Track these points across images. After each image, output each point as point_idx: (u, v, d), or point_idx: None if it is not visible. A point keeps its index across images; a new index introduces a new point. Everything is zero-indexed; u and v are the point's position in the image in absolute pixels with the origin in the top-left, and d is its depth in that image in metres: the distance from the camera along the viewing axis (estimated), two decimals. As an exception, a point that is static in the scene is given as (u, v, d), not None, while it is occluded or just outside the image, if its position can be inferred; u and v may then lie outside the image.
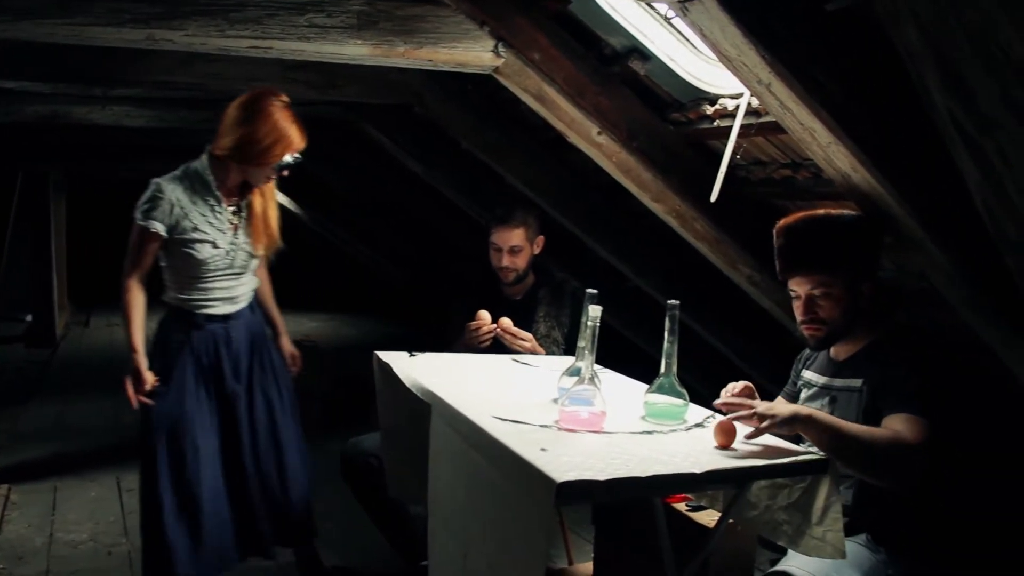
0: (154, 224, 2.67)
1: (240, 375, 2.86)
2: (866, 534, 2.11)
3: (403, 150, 5.40)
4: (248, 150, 2.67)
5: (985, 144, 1.49)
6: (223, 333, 2.84)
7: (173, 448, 2.71)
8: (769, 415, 1.91)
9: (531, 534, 1.73)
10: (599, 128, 3.20)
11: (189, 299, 2.79)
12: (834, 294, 2.18)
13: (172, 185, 2.70)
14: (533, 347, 3.05)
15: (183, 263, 2.75)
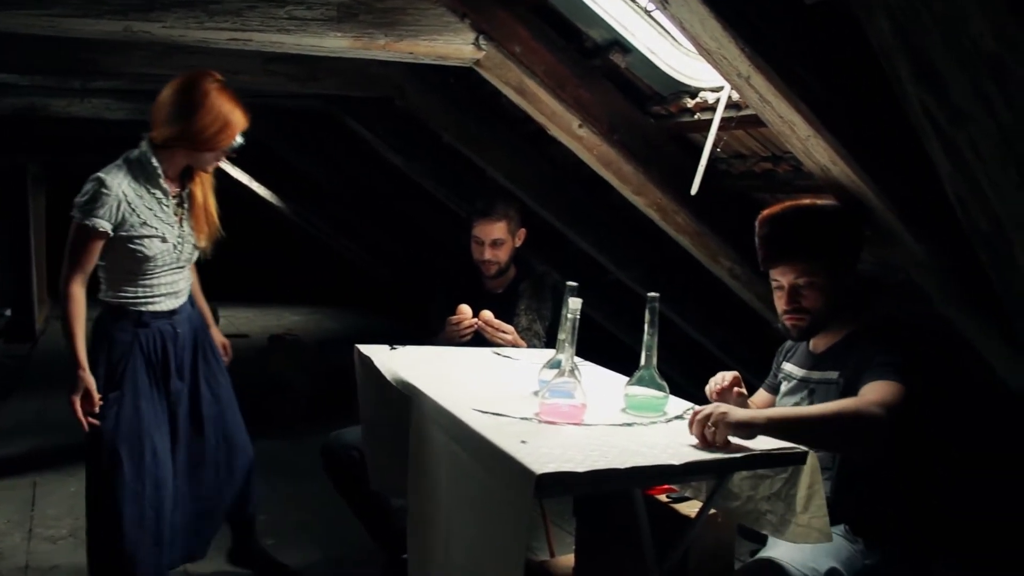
0: (99, 223, 2.51)
1: (184, 372, 2.77)
2: (844, 525, 2.13)
3: (384, 143, 5.38)
4: (197, 137, 2.57)
5: (957, 136, 1.50)
6: (169, 330, 2.73)
7: (135, 455, 2.61)
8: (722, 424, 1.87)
9: (511, 526, 1.73)
10: (580, 121, 3.21)
11: (134, 297, 2.66)
12: (818, 283, 2.18)
13: (116, 179, 2.55)
14: (514, 340, 3.05)
15: (128, 260, 2.61)
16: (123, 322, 2.65)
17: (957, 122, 1.47)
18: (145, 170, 2.60)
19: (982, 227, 1.69)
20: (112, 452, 2.59)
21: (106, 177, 2.54)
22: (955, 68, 1.36)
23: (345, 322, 9.95)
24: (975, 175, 1.54)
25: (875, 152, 2.15)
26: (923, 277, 2.39)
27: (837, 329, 2.25)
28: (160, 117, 2.59)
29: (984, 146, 1.46)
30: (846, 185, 2.26)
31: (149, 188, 2.60)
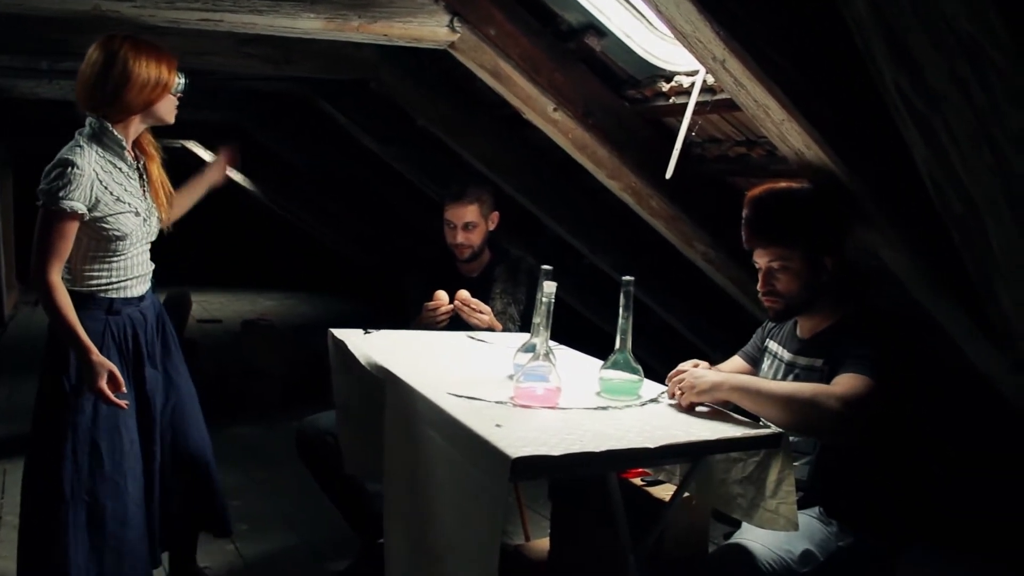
0: (75, 205, 2.37)
1: (156, 359, 2.67)
2: (819, 507, 2.15)
3: (359, 127, 5.35)
4: (137, 101, 2.45)
5: (932, 118, 1.50)
6: (139, 316, 2.62)
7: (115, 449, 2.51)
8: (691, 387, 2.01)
9: (487, 510, 1.73)
10: (555, 104, 3.20)
11: (106, 283, 2.53)
12: (792, 267, 2.17)
13: (84, 157, 2.41)
14: (491, 320, 3.05)
15: (100, 242, 2.48)
16: (93, 311, 2.51)
17: (932, 104, 1.47)
18: (107, 144, 2.48)
19: (956, 209, 1.69)
20: (93, 445, 2.48)
21: (74, 157, 2.39)
22: (930, 50, 1.36)
23: (319, 307, 9.92)
24: (949, 157, 1.54)
25: (849, 136, 2.15)
26: (895, 261, 2.41)
27: (825, 315, 2.24)
28: (95, 98, 2.46)
29: (958, 128, 1.47)
30: (820, 169, 2.26)
31: (115, 162, 2.49)
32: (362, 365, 2.42)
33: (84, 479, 2.47)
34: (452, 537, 1.92)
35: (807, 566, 2.04)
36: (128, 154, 2.52)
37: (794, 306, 2.23)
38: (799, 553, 2.04)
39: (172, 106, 2.56)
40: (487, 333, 2.97)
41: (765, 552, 2.00)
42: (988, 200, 1.58)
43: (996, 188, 1.53)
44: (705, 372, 2.05)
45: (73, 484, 2.46)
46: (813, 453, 2.18)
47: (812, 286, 2.19)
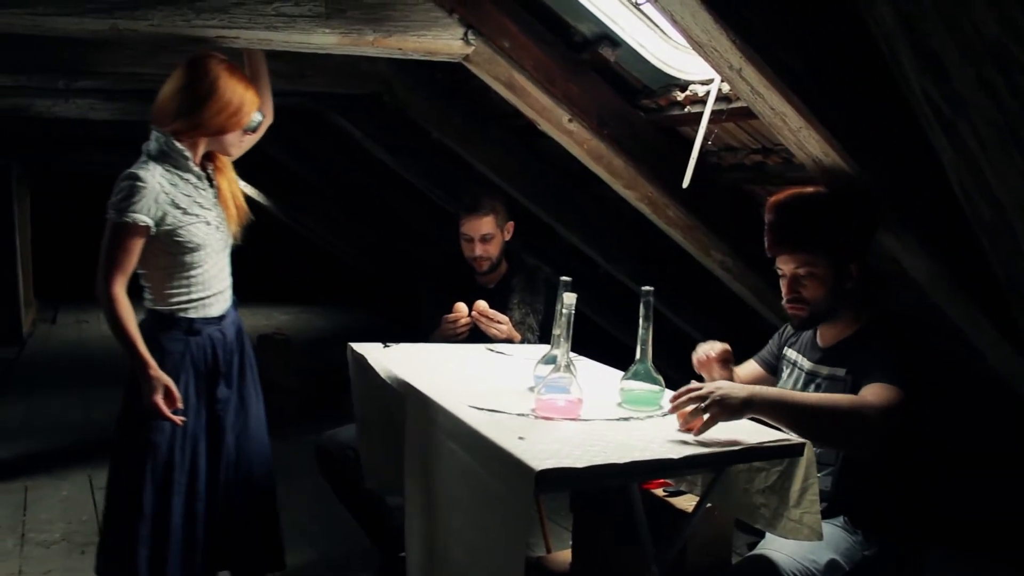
0: (140, 217, 2.38)
1: (231, 379, 2.66)
2: (844, 516, 2.13)
3: (372, 140, 5.36)
4: (212, 123, 2.49)
5: (959, 124, 1.49)
6: (219, 336, 2.61)
7: (188, 468, 2.52)
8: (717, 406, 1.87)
9: (510, 523, 1.72)
10: (570, 115, 3.20)
11: (187, 300, 2.52)
12: (818, 274, 2.16)
13: (149, 172, 2.43)
14: (509, 331, 3.04)
15: (176, 257, 2.48)
16: (173, 331, 2.52)
17: (959, 109, 1.46)
18: (172, 157, 2.49)
19: (985, 215, 1.68)
20: (167, 465, 2.48)
21: (139, 172, 2.41)
22: (957, 55, 1.35)
23: (335, 320, 9.93)
24: (978, 163, 1.53)
25: (867, 142, 2.14)
26: (916, 267, 2.39)
27: (846, 323, 2.22)
28: (170, 110, 2.49)
29: (987, 133, 1.45)
30: (838, 176, 2.25)
31: (181, 175, 2.50)
32: (382, 379, 2.42)
33: (160, 496, 2.47)
34: (475, 551, 1.91)
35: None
36: (194, 165, 2.52)
37: (819, 313, 2.20)
38: (824, 563, 2.03)
39: (239, 140, 2.60)
40: (507, 345, 2.97)
41: (790, 562, 1.99)
42: (1018, 205, 1.56)
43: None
44: (732, 387, 1.95)
45: (155, 501, 2.47)
46: (835, 464, 2.16)
47: (837, 293, 2.17)
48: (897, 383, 1.97)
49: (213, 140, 2.55)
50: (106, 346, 8.07)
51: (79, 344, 8.20)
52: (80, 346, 8.10)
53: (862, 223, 2.20)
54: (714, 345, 2.24)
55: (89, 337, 8.59)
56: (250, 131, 2.63)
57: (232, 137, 2.57)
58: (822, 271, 2.15)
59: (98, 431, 5.25)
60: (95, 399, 5.97)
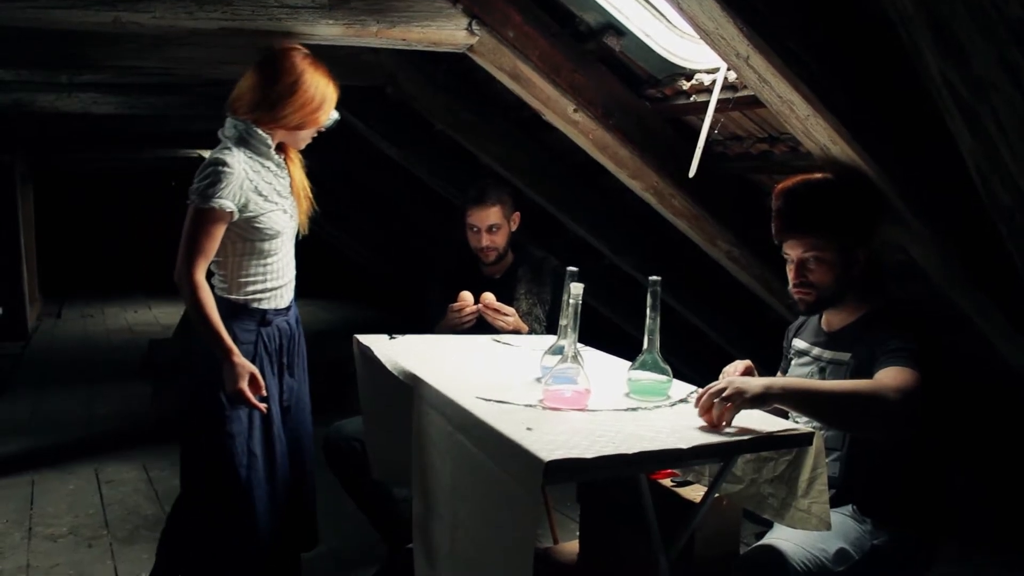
0: (224, 203, 2.35)
1: (295, 369, 2.67)
2: (852, 505, 2.12)
3: (376, 132, 5.35)
4: (294, 118, 2.48)
5: (979, 108, 1.47)
6: (286, 327, 2.61)
7: (269, 457, 2.52)
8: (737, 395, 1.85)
9: (518, 514, 1.72)
10: (575, 106, 3.19)
11: (261, 289, 2.51)
12: (826, 259, 2.16)
13: (234, 156, 2.40)
14: (516, 322, 3.04)
15: (254, 244, 2.47)
16: (247, 321, 2.50)
17: (979, 94, 1.44)
18: (253, 144, 2.47)
19: (1003, 201, 1.66)
20: (249, 453, 2.48)
21: (225, 156, 2.38)
22: (978, 37, 1.33)
23: (339, 313, 9.94)
24: (997, 147, 1.51)
25: (876, 131, 2.13)
26: (924, 257, 2.38)
27: (852, 308, 2.23)
28: (249, 101, 2.46)
29: (1007, 118, 1.43)
30: (846, 164, 2.24)
31: (263, 162, 2.49)
32: (388, 371, 2.41)
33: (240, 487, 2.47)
34: (483, 543, 1.90)
35: (842, 565, 2.02)
36: (274, 152, 2.51)
37: (825, 298, 2.21)
38: (833, 552, 2.02)
39: (311, 136, 2.60)
40: (513, 336, 2.96)
41: (798, 552, 1.98)
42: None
43: (1046, 178, 1.50)
44: (748, 379, 1.94)
45: (249, 476, 2.47)
46: (842, 449, 2.15)
47: (844, 278, 2.17)
48: (911, 365, 1.96)
49: (287, 133, 2.53)
50: (110, 341, 8.10)
51: (84, 339, 8.21)
52: (85, 341, 8.12)
53: (869, 209, 2.21)
54: (737, 365, 2.23)
55: (94, 332, 8.61)
56: (326, 128, 2.61)
57: (308, 133, 2.57)
58: (830, 256, 2.16)
59: (104, 425, 5.27)
60: (100, 393, 5.99)
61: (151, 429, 4.96)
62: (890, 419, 1.92)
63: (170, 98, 5.33)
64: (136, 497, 4.01)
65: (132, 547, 3.45)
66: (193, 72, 3.91)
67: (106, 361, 7.10)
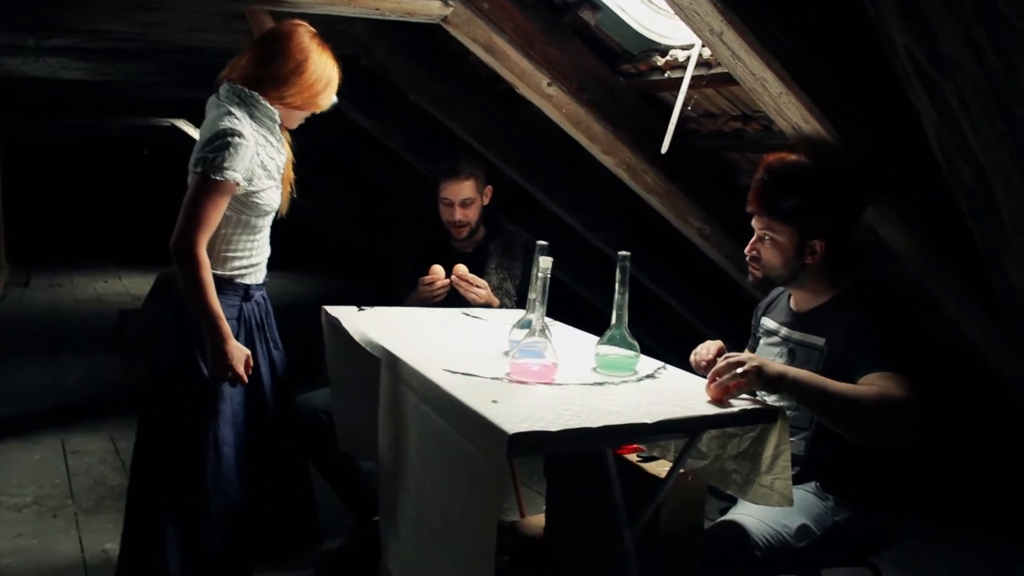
0: (235, 175, 2.26)
1: (276, 342, 2.61)
2: (815, 482, 2.14)
3: (350, 103, 5.30)
4: (299, 98, 2.42)
5: (943, 84, 1.47)
6: (263, 302, 2.56)
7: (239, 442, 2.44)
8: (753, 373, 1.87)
9: (484, 487, 1.72)
10: (549, 79, 3.17)
11: (246, 264, 2.45)
12: (778, 241, 2.16)
13: (246, 126, 2.31)
14: (488, 295, 3.03)
15: (248, 219, 2.40)
16: (231, 296, 2.42)
17: (944, 70, 1.44)
18: (258, 116, 2.38)
19: (965, 179, 1.67)
20: (215, 439, 2.39)
21: (238, 126, 2.29)
22: (944, 13, 1.33)
23: (311, 286, 9.89)
24: (960, 125, 1.52)
25: (847, 110, 2.14)
26: (893, 237, 2.40)
27: (822, 289, 2.23)
28: (251, 76, 2.38)
29: (971, 95, 1.44)
30: (817, 143, 2.25)
31: (267, 136, 2.41)
32: (356, 342, 2.40)
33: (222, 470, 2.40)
34: (448, 515, 1.90)
35: (803, 540, 2.05)
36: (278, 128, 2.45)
37: (771, 279, 2.24)
38: (795, 528, 2.04)
39: (304, 117, 2.54)
40: (482, 309, 2.95)
41: (761, 527, 2.00)
42: (999, 169, 1.55)
43: (1007, 157, 1.50)
44: (768, 360, 1.96)
45: (215, 476, 2.39)
46: (810, 428, 2.17)
47: (794, 264, 2.18)
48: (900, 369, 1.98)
49: (285, 111, 2.45)
50: (79, 310, 8.02)
51: (52, 308, 8.11)
52: (53, 310, 8.02)
53: (840, 204, 2.19)
54: (709, 347, 2.23)
55: (63, 301, 8.51)
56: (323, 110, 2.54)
57: (304, 113, 2.51)
58: (783, 240, 2.16)
59: (71, 395, 5.22)
60: (68, 363, 5.93)
61: (119, 399, 4.92)
62: (895, 429, 1.96)
63: (142, 65, 5.23)
64: (103, 468, 3.98)
65: (97, 517, 3.43)
66: (165, 39, 3.85)
67: (75, 331, 7.03)
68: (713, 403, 1.91)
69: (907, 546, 2.42)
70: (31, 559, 3.08)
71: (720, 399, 1.90)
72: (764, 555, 1.96)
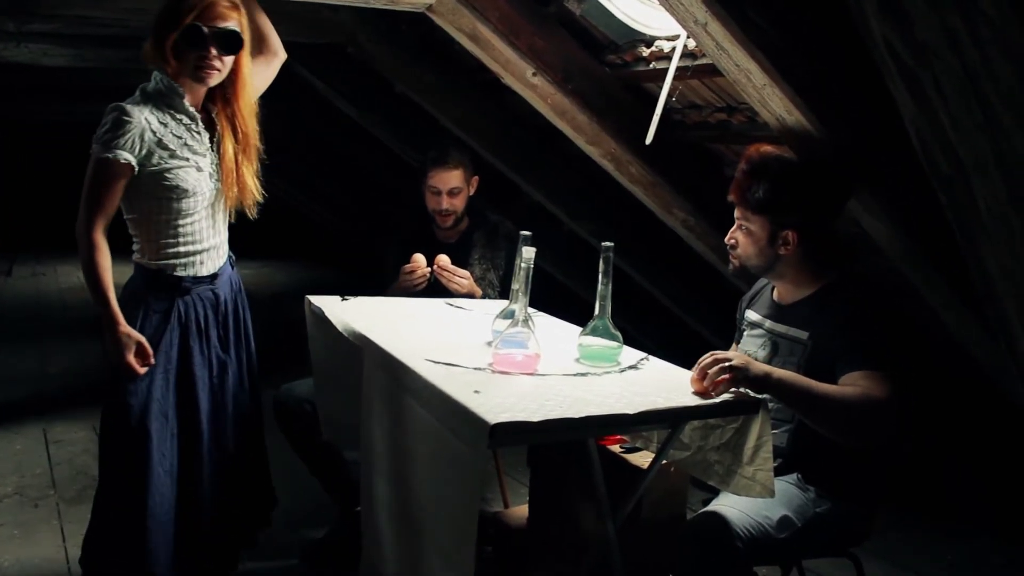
0: (121, 154, 2.18)
1: (228, 343, 2.49)
2: (797, 474, 2.15)
3: (335, 92, 5.28)
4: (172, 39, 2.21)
5: (921, 74, 1.47)
6: (211, 296, 2.44)
7: (163, 436, 2.34)
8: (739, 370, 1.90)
9: (465, 477, 1.72)
10: (534, 69, 3.16)
11: (175, 256, 2.35)
12: (751, 231, 2.18)
13: (137, 107, 2.22)
14: (471, 286, 3.02)
15: (163, 203, 2.29)
16: (157, 288, 2.35)
17: (921, 60, 1.44)
18: (167, 95, 2.28)
19: (943, 170, 1.67)
20: (140, 429, 2.31)
21: (126, 105, 2.21)
22: (921, 2, 1.33)
23: (295, 275, 9.86)
24: (938, 115, 1.52)
25: (831, 102, 2.14)
26: (875, 228, 2.40)
27: (805, 282, 2.23)
28: (149, 53, 2.27)
29: (948, 85, 1.44)
30: (801, 135, 2.25)
31: (174, 114, 2.29)
32: (339, 332, 2.39)
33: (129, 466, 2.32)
34: (430, 504, 1.91)
35: (784, 532, 2.05)
36: (189, 105, 2.31)
37: (748, 268, 2.25)
38: (776, 519, 2.05)
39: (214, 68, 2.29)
40: (466, 299, 2.95)
41: (742, 518, 2.01)
42: (976, 160, 1.55)
43: (985, 147, 1.51)
44: (753, 360, 1.99)
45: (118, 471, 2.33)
46: (792, 421, 2.18)
47: (768, 255, 2.19)
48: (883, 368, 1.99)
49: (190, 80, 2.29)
50: (63, 299, 7.96)
51: (35, 297, 8.05)
52: (36, 299, 7.96)
53: (813, 196, 2.17)
54: None
55: (45, 290, 8.45)
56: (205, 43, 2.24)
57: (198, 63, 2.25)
58: (755, 230, 2.18)
59: (54, 384, 5.18)
60: (51, 352, 5.89)
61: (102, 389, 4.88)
62: (878, 431, 1.98)
63: (127, 52, 5.19)
64: (85, 457, 3.96)
65: (79, 507, 3.40)
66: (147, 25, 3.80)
67: (58, 320, 6.97)
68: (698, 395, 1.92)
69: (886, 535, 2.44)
70: (12, 549, 3.06)
71: (704, 392, 1.91)
72: (746, 546, 1.96)
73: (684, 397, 1.90)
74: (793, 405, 1.99)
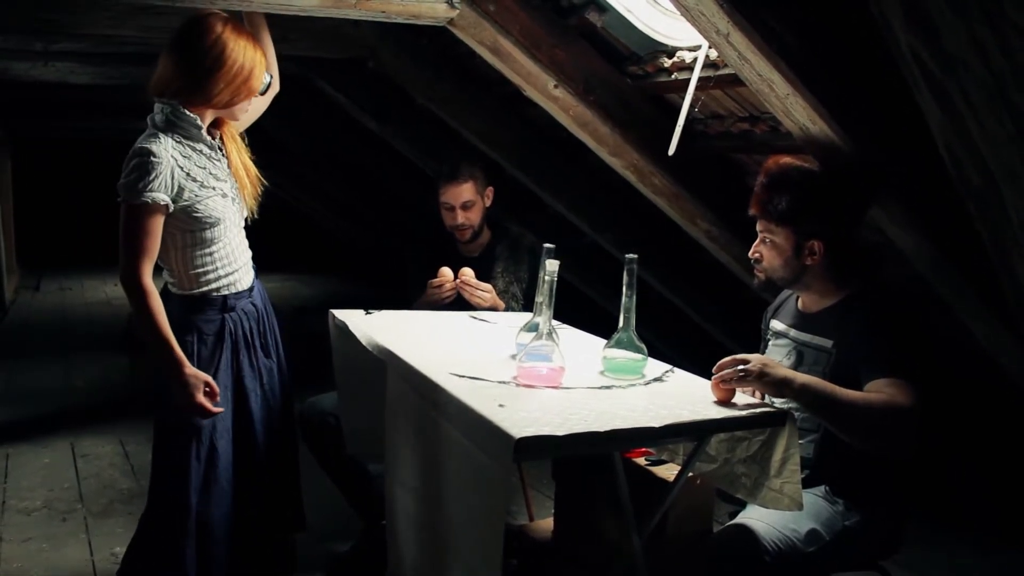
0: (157, 196, 2.18)
1: (269, 348, 2.55)
2: (825, 486, 2.13)
3: (357, 106, 5.31)
4: (228, 92, 2.28)
5: (949, 85, 1.46)
6: (252, 309, 2.49)
7: (226, 452, 2.39)
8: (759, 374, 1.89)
9: (490, 491, 1.71)
10: (556, 81, 3.16)
11: (215, 278, 2.37)
12: (776, 243, 2.17)
13: (160, 144, 2.22)
14: (493, 299, 3.02)
15: (196, 235, 2.31)
16: (208, 312, 2.38)
17: (949, 70, 1.43)
18: (182, 127, 2.28)
19: (972, 180, 1.65)
20: (210, 449, 2.35)
21: (150, 146, 2.20)
22: (948, 12, 1.32)
23: (320, 288, 9.91)
24: (966, 126, 1.50)
25: (855, 111, 2.13)
26: (901, 238, 2.38)
27: (830, 291, 2.22)
28: (174, 82, 2.27)
29: (976, 95, 1.42)
30: (825, 144, 2.23)
31: (193, 145, 2.30)
32: (363, 346, 2.40)
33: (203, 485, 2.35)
34: (455, 518, 1.90)
35: (813, 545, 2.03)
36: (205, 134, 2.34)
37: (774, 280, 2.24)
38: (805, 532, 2.03)
39: (247, 107, 2.42)
40: (490, 313, 2.95)
41: (770, 531, 1.99)
42: (1006, 170, 1.53)
43: (1015, 157, 1.49)
44: (775, 364, 1.97)
45: (198, 491, 2.35)
46: (818, 431, 2.16)
47: (795, 266, 2.18)
48: (907, 377, 1.97)
49: (220, 110, 2.36)
50: (89, 313, 8.04)
51: (62, 311, 8.14)
52: (63, 313, 8.05)
53: (837, 205, 2.16)
54: None
55: (72, 304, 8.54)
56: (260, 94, 2.43)
57: (243, 105, 2.38)
58: (780, 241, 2.17)
59: (81, 398, 5.24)
60: (78, 366, 5.95)
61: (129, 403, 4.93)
62: (899, 438, 1.96)
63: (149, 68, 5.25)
64: (112, 471, 3.99)
65: (107, 521, 3.43)
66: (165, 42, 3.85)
67: (84, 334, 7.05)
68: (719, 404, 1.91)
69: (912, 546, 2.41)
70: (40, 563, 3.08)
71: (724, 398, 1.91)
72: (773, 560, 1.95)
73: (710, 409, 1.89)
74: (816, 410, 1.97)
